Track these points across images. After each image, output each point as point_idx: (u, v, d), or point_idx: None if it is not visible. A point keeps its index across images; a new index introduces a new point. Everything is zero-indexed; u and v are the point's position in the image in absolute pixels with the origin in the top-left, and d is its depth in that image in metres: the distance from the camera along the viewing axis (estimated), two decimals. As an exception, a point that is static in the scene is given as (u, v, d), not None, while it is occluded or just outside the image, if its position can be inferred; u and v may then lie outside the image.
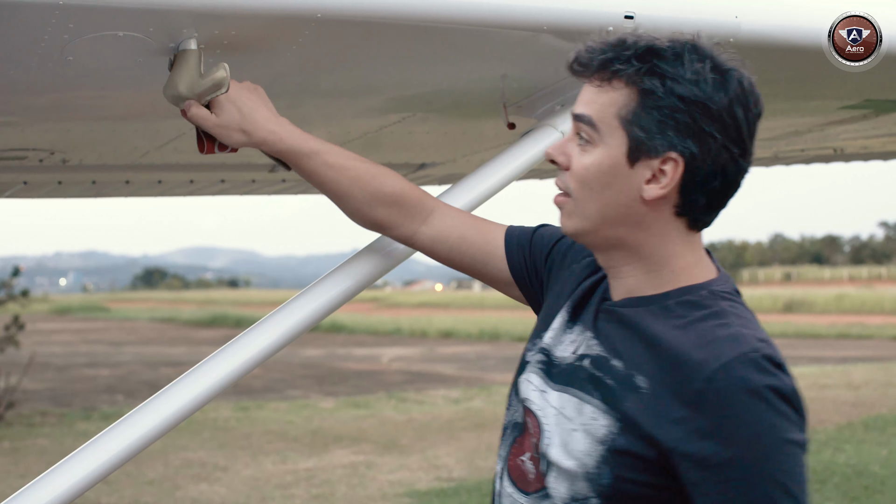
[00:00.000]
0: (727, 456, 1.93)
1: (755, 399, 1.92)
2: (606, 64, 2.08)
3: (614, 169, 2.09)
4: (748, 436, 1.92)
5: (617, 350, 2.11)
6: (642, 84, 2.05)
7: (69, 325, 51.78)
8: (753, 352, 1.96)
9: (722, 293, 2.12)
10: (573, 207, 2.15)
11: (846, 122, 4.41)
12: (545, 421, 2.16)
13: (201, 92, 2.45)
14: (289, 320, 2.69)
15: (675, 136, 2.04)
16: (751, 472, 1.92)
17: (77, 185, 5.23)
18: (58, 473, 2.47)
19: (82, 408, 17.73)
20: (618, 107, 2.07)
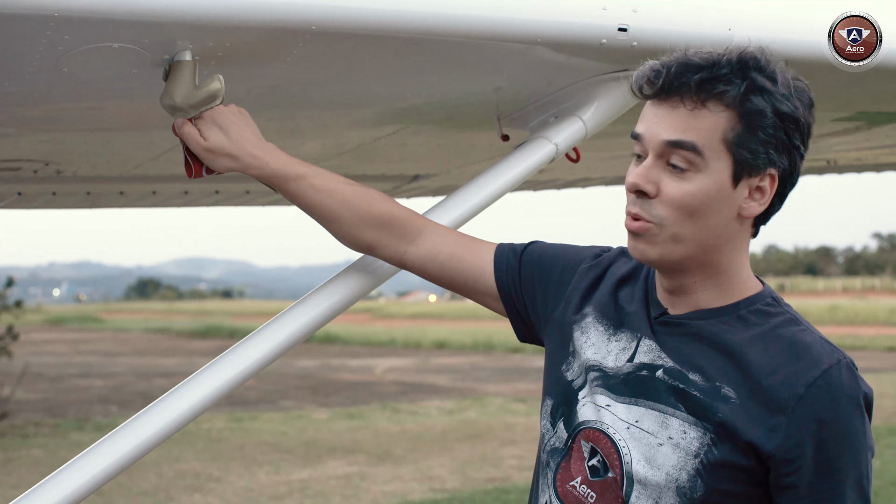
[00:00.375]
0: (823, 459, 1.99)
1: (853, 406, 2.02)
2: (707, 86, 2.05)
3: (720, 193, 2.08)
4: (846, 442, 2.00)
5: (694, 363, 2.12)
6: (748, 104, 2.04)
7: (63, 335, 51.69)
8: (845, 359, 2.06)
9: (780, 300, 2.18)
10: (659, 233, 2.11)
11: (839, 134, 4.41)
12: (618, 437, 2.14)
13: (196, 103, 2.45)
14: (283, 331, 2.69)
15: (775, 153, 2.07)
16: (843, 476, 2.00)
17: (71, 196, 5.24)
18: (51, 484, 2.46)
19: (76, 418, 17.71)
20: (723, 131, 2.05)
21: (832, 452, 1.99)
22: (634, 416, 2.13)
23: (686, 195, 2.07)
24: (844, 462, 2.00)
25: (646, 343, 2.19)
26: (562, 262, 2.47)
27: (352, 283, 2.76)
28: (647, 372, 2.16)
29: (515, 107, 3.19)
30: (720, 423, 2.03)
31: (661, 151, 2.08)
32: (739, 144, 2.05)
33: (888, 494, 10.61)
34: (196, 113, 2.47)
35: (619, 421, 2.14)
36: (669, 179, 2.08)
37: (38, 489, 2.46)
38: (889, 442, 14.07)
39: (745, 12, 2.95)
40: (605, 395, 2.19)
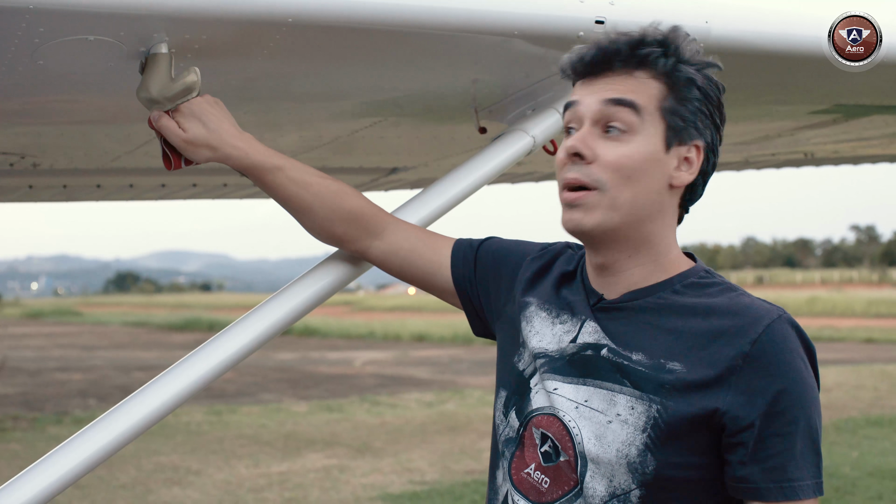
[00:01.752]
0: (773, 412, 2.02)
1: (798, 358, 2.05)
2: (631, 59, 2.13)
3: (654, 155, 2.14)
4: (795, 393, 2.03)
5: (637, 344, 2.14)
6: (678, 74, 2.13)
7: (41, 329, 51.54)
8: (785, 314, 2.09)
9: (713, 272, 2.22)
10: (598, 200, 2.14)
11: (816, 126, 4.44)
12: (568, 418, 2.16)
13: (172, 96, 2.45)
14: (261, 323, 2.69)
15: (702, 125, 2.16)
16: (793, 428, 2.03)
17: (48, 189, 5.23)
18: (28, 477, 2.45)
19: (54, 412, 17.64)
20: (657, 98, 2.13)
21: (782, 405, 2.02)
22: (583, 396, 2.15)
23: (623, 156, 2.12)
24: (794, 413, 2.02)
25: (589, 325, 2.22)
26: (514, 258, 2.51)
27: (329, 276, 2.77)
28: (592, 351, 2.18)
29: (493, 99, 3.19)
30: (666, 394, 2.06)
31: (598, 115, 2.14)
32: (672, 111, 2.13)
33: (866, 485, 10.65)
34: (172, 105, 2.47)
35: (567, 402, 2.17)
36: (605, 144, 2.13)
37: (14, 482, 2.45)
38: (867, 433, 14.13)
39: (722, 4, 2.96)
40: (552, 378, 2.22)
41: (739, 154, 5.53)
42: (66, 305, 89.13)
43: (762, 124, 4.40)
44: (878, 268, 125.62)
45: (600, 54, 2.14)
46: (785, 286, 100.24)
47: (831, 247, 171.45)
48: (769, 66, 3.15)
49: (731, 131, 4.49)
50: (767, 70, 3.20)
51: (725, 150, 5.16)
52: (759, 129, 4.52)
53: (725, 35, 2.90)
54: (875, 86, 3.52)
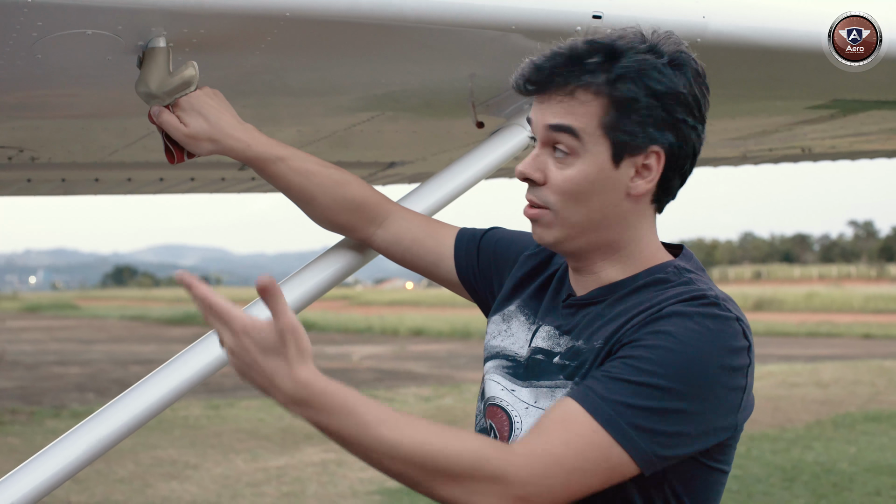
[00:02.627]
0: (625, 343, 2.02)
1: (686, 325, 2.00)
2: (572, 77, 2.09)
3: (601, 174, 2.11)
4: (654, 340, 2.00)
5: (583, 335, 2.15)
6: (616, 92, 2.07)
7: (39, 322, 51.57)
8: (696, 292, 2.07)
9: (686, 270, 2.18)
10: (552, 218, 2.15)
11: (813, 121, 4.43)
12: (514, 414, 2.19)
13: (170, 90, 2.45)
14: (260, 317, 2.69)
15: (655, 130, 2.10)
16: (632, 361, 1.99)
17: (46, 182, 5.22)
18: (26, 471, 2.46)
19: (52, 406, 17.65)
20: (598, 116, 2.09)
21: (643, 346, 1.99)
22: (534, 398, 2.18)
23: (567, 181, 2.11)
24: (640, 352, 1.99)
25: (544, 330, 2.24)
26: (515, 250, 2.52)
27: (326, 270, 2.78)
28: (543, 356, 2.20)
29: (490, 94, 3.19)
30: (582, 365, 2.10)
31: (546, 137, 2.14)
32: (615, 128, 2.09)
33: (864, 481, 10.67)
34: (171, 100, 2.48)
35: (519, 402, 2.20)
36: (554, 166, 2.13)
37: (13, 476, 2.46)
38: (865, 429, 14.15)
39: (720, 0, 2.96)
40: (510, 378, 2.25)
41: (737, 149, 5.53)
42: (63, 299, 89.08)
43: (759, 119, 4.40)
44: (876, 263, 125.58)
45: (539, 73, 2.12)
46: (783, 281, 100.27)
47: (829, 242, 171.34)
48: (766, 61, 3.15)
49: (728, 126, 4.50)
50: (765, 65, 3.20)
51: (722, 145, 5.16)
52: (757, 123, 4.52)
53: (723, 30, 2.90)
54: (873, 81, 3.52)
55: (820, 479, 10.78)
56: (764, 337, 32.58)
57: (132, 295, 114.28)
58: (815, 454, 12.16)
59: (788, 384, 19.40)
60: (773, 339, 32.25)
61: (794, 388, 18.77)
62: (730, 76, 3.27)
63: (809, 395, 17.74)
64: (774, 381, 19.91)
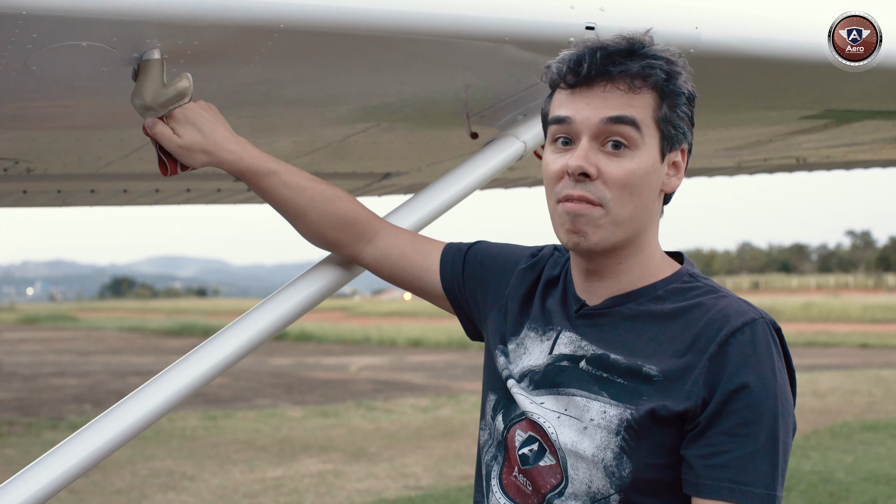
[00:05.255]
0: (729, 413, 2.02)
1: (765, 364, 2.05)
2: (636, 70, 2.11)
3: (653, 168, 2.15)
4: (756, 400, 2.02)
5: (615, 345, 2.16)
6: (671, 86, 2.13)
7: (36, 334, 51.51)
8: (763, 318, 2.09)
9: (698, 275, 2.23)
10: (601, 215, 2.14)
11: (808, 131, 4.45)
12: (548, 426, 2.17)
13: (165, 101, 2.45)
14: (254, 327, 2.70)
15: (688, 129, 2.20)
16: (750, 437, 2.01)
17: (42, 194, 5.23)
18: (22, 480, 2.46)
19: (49, 417, 17.65)
20: (653, 109, 2.13)
21: (739, 403, 2.01)
22: (563, 405, 2.17)
23: (629, 173, 2.12)
24: (750, 414, 2.01)
25: (566, 335, 2.24)
26: (501, 262, 2.52)
27: (322, 280, 2.78)
28: (569, 362, 2.20)
29: (484, 105, 3.20)
30: (638, 399, 2.08)
31: (598, 131, 2.12)
32: (666, 121, 2.14)
33: (860, 490, 10.67)
34: (165, 111, 2.48)
35: (549, 412, 2.18)
36: (607, 160, 2.12)
37: (8, 485, 2.46)
38: (862, 438, 14.15)
39: (712, 10, 2.97)
40: (532, 392, 2.24)
41: (732, 159, 5.54)
42: (61, 311, 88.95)
43: (754, 129, 4.41)
44: (873, 273, 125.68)
45: (595, 64, 2.11)
46: (781, 291, 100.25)
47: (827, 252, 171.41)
48: (760, 72, 3.16)
49: (723, 136, 4.51)
50: (758, 75, 3.21)
51: (717, 155, 5.17)
52: (751, 133, 4.53)
53: (716, 40, 2.91)
54: (866, 91, 3.54)
55: (817, 488, 10.78)
56: (761, 347, 32.55)
57: (130, 306, 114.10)
58: (812, 463, 12.16)
59: (786, 394, 19.39)
60: (770, 349, 32.19)
61: (792, 398, 18.76)
62: (723, 86, 3.28)
63: (807, 405, 17.73)
64: (772, 391, 19.88)
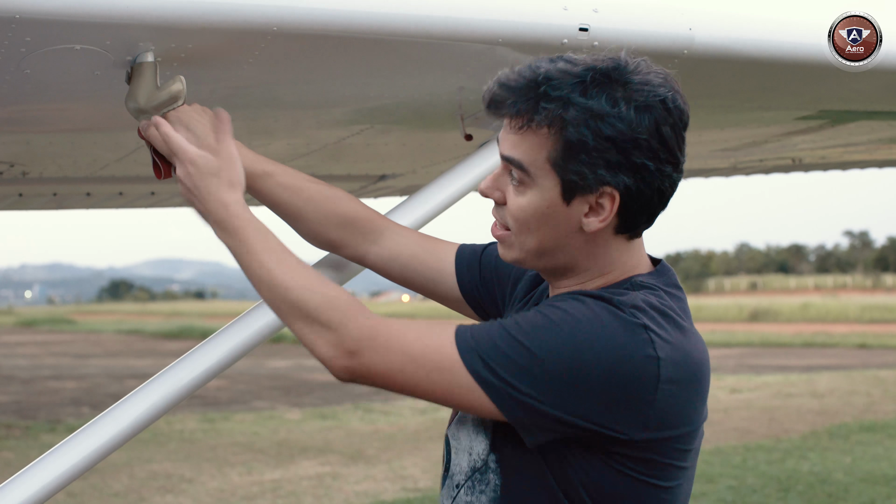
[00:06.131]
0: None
1: (579, 302, 2.05)
2: (526, 111, 2.06)
3: (551, 209, 2.11)
4: (557, 310, 2.04)
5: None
6: (566, 131, 2.04)
7: (35, 337, 51.41)
8: (606, 294, 2.09)
9: (645, 283, 2.15)
10: (511, 240, 2.18)
11: (803, 132, 4.45)
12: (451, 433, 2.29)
13: (158, 104, 2.45)
14: (251, 328, 2.71)
15: (608, 173, 2.06)
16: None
17: (38, 197, 5.23)
18: (19, 482, 2.47)
19: (47, 420, 17.63)
20: (547, 151, 2.07)
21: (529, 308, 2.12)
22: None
23: (518, 209, 2.13)
24: (529, 314, 2.06)
25: None
26: (515, 268, 2.50)
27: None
28: None
29: (479, 107, 3.18)
30: None
31: (503, 163, 2.15)
32: (563, 166, 2.07)
33: (859, 491, 10.66)
34: (159, 114, 2.47)
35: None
36: (511, 191, 2.15)
37: (6, 487, 2.47)
38: (860, 439, 14.14)
39: (707, 12, 2.97)
40: None
41: (727, 160, 5.55)
42: (59, 314, 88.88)
43: (749, 130, 4.41)
44: (871, 273, 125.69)
45: (497, 97, 2.11)
46: (778, 292, 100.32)
47: (825, 252, 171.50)
48: (755, 72, 3.16)
49: (717, 137, 4.52)
50: (753, 76, 3.21)
51: (712, 156, 5.17)
52: (746, 134, 4.54)
53: (709, 42, 2.91)
54: (861, 91, 3.54)
55: (815, 489, 10.77)
56: (759, 348, 32.62)
57: (128, 309, 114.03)
58: (810, 464, 12.16)
59: (784, 394, 19.40)
60: (768, 349, 32.27)
61: (790, 399, 18.77)
62: (717, 87, 3.29)
63: (805, 406, 17.74)
64: (770, 392, 19.93)
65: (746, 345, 33.59)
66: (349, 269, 2.81)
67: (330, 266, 2.79)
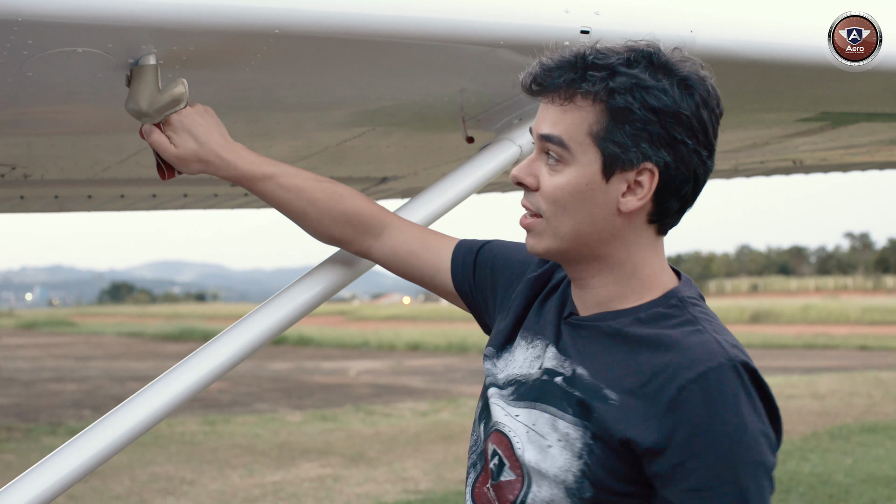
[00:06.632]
0: (697, 467, 1.95)
1: (731, 412, 1.95)
2: (571, 84, 2.07)
3: (590, 186, 2.09)
4: (721, 451, 1.95)
5: (585, 362, 2.12)
6: (613, 101, 2.05)
7: (35, 339, 51.42)
8: (731, 361, 1.99)
9: (689, 299, 2.15)
10: (544, 227, 2.14)
11: (804, 134, 4.45)
12: (517, 440, 2.16)
13: (161, 107, 2.45)
14: (253, 331, 2.71)
15: (650, 147, 2.05)
16: (718, 487, 1.95)
17: (39, 199, 5.24)
18: (20, 485, 2.46)
19: (48, 423, 17.63)
20: (588, 124, 2.06)
21: (701, 468, 1.96)
22: (532, 420, 2.15)
23: (555, 188, 2.10)
24: (720, 473, 1.95)
25: (551, 350, 2.21)
26: (512, 266, 2.49)
27: (320, 283, 2.80)
28: (548, 377, 2.17)
29: (480, 108, 3.20)
30: (596, 422, 2.04)
31: (540, 145, 2.14)
32: (606, 138, 2.06)
33: (860, 492, 10.66)
34: (161, 117, 2.48)
35: (520, 425, 2.16)
36: (547, 173, 2.12)
37: (7, 490, 2.46)
38: (861, 440, 14.15)
39: (708, 14, 2.97)
40: (513, 402, 2.22)
41: (728, 162, 5.55)
42: (60, 316, 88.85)
43: (750, 132, 4.41)
44: (872, 275, 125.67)
45: (540, 76, 2.11)
46: (779, 294, 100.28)
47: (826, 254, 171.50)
48: (756, 74, 3.16)
49: (720, 139, 4.49)
50: (754, 78, 3.21)
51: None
52: (747, 136, 4.54)
53: (711, 44, 2.91)
54: (862, 93, 3.54)
55: (816, 490, 10.77)
56: (760, 349, 32.59)
57: (129, 311, 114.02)
58: (811, 465, 12.15)
59: (785, 396, 19.38)
60: (769, 351, 32.26)
61: (791, 400, 18.75)
62: (719, 90, 3.28)
63: (806, 407, 17.74)
64: (771, 394, 19.90)
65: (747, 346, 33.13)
66: (359, 265, 2.83)
67: (340, 263, 2.82)
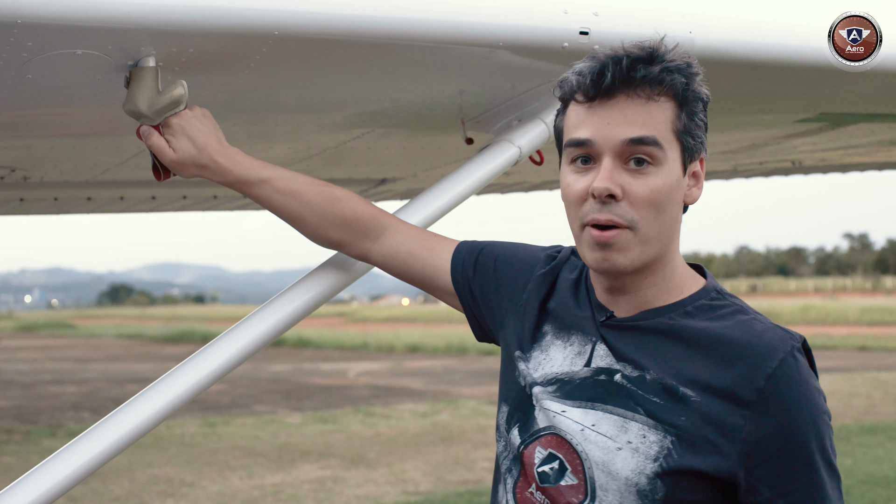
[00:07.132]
0: (793, 448, 2.02)
1: (811, 389, 2.06)
2: (658, 78, 2.05)
3: (677, 182, 2.11)
4: (810, 426, 2.04)
5: (649, 365, 2.11)
6: (689, 93, 2.08)
7: (35, 342, 51.42)
8: (797, 341, 2.07)
9: (724, 291, 2.19)
10: (630, 238, 2.09)
11: (803, 135, 4.45)
12: (575, 441, 2.13)
13: (160, 109, 2.45)
14: (252, 333, 2.70)
15: (704, 136, 2.13)
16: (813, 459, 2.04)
17: (39, 201, 5.23)
18: (20, 488, 2.46)
19: (48, 425, 17.62)
20: (671, 120, 2.07)
21: (800, 440, 2.01)
22: (591, 420, 2.12)
23: (653, 191, 2.07)
24: (812, 446, 2.02)
25: (600, 347, 2.18)
26: (516, 266, 2.48)
27: (319, 285, 2.78)
28: (605, 376, 2.14)
29: (479, 110, 3.20)
30: (681, 427, 2.02)
31: (620, 151, 2.07)
32: (686, 132, 2.09)
33: (860, 492, 10.66)
34: (160, 119, 2.47)
35: (574, 424, 2.13)
36: (632, 179, 2.06)
37: (7, 492, 2.46)
38: (860, 441, 14.15)
39: (707, 15, 2.97)
40: (560, 401, 2.18)
41: (727, 163, 5.55)
42: (59, 318, 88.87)
43: (749, 133, 4.41)
44: (871, 275, 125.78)
45: (620, 73, 2.05)
46: (778, 294, 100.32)
47: (824, 255, 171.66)
48: (755, 75, 3.15)
49: (719, 140, 4.51)
50: (753, 79, 3.21)
51: (713, 159, 5.17)
52: (746, 137, 4.54)
53: (710, 45, 2.91)
54: (861, 94, 3.54)
55: (816, 491, 10.76)
56: (760, 350, 32.54)
57: (128, 313, 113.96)
58: (811, 467, 12.15)
59: (784, 397, 19.39)
60: (768, 352, 32.22)
61: (790, 401, 18.76)
62: (718, 90, 3.26)
63: (805, 408, 17.73)
64: (770, 394, 19.90)
65: (747, 347, 33.54)
66: (358, 267, 2.81)
67: (337, 266, 2.80)
